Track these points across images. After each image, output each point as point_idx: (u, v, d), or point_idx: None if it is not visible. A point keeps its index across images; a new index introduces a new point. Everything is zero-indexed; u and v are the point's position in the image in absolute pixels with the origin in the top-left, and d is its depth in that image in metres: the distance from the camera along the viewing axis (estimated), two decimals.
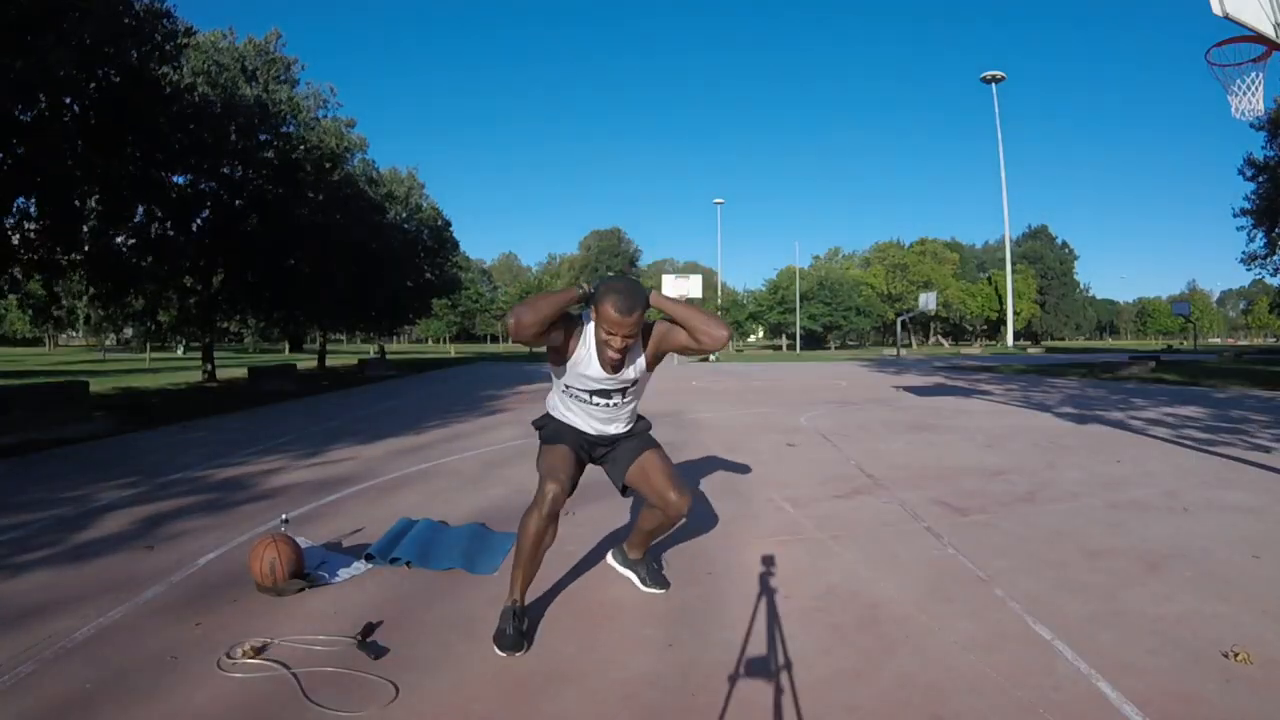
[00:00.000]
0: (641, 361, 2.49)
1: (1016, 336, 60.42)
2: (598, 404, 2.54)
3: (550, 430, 2.66)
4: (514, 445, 6.76)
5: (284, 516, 3.46)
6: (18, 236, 11.29)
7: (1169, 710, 1.90)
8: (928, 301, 44.87)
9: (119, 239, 13.38)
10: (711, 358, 35.98)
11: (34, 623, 2.52)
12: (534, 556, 2.42)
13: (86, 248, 12.11)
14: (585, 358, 2.43)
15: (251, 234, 16.49)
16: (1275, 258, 27.53)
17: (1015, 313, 59.13)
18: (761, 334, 69.63)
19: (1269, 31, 4.58)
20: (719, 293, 62.02)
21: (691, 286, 34.02)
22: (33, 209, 11.13)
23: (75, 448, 6.86)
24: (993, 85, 46.58)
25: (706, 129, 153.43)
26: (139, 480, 5.16)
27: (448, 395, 13.99)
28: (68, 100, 10.44)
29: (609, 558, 3.05)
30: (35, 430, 7.45)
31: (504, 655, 2.28)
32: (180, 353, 41.06)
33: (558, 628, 2.51)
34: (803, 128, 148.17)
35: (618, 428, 2.65)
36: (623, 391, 2.54)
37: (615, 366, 2.42)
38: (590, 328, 2.40)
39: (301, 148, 17.72)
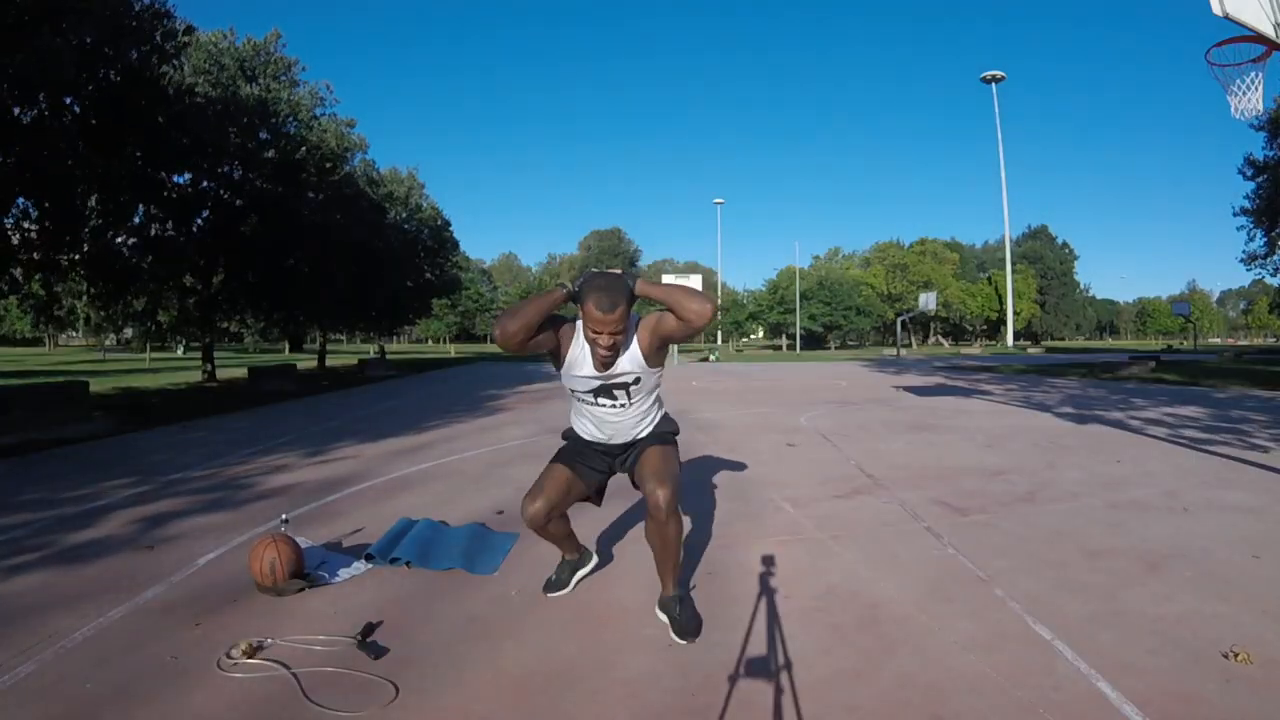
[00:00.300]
0: (637, 353, 2.39)
1: (1016, 336, 60.42)
2: (604, 405, 2.50)
3: (563, 447, 2.71)
4: (515, 445, 6.76)
5: (284, 516, 3.46)
6: (18, 236, 11.29)
7: (1169, 710, 1.90)
8: (928, 301, 44.87)
9: (119, 239, 13.38)
10: (711, 358, 35.98)
11: (34, 623, 2.53)
12: (555, 540, 2.72)
13: (86, 248, 12.11)
14: (580, 358, 2.41)
15: (251, 234, 16.49)
16: (1275, 257, 27.52)
17: (1015, 313, 59.13)
18: (761, 334, 69.63)
19: (1269, 31, 4.57)
20: (719, 293, 62.03)
21: (692, 285, 34.04)
22: (32, 209, 11.13)
23: (75, 448, 6.86)
24: (993, 85, 46.59)
25: (706, 129, 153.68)
26: (139, 480, 5.17)
27: (448, 395, 13.99)
28: (68, 100, 10.45)
29: (656, 609, 2.58)
30: (35, 430, 7.45)
31: (548, 596, 2.78)
32: (180, 353, 41.03)
33: (558, 628, 2.51)
34: (803, 128, 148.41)
35: (635, 433, 2.58)
36: (626, 390, 2.47)
37: (606, 363, 2.39)
38: (581, 325, 2.37)
39: (303, 148, 17.73)
